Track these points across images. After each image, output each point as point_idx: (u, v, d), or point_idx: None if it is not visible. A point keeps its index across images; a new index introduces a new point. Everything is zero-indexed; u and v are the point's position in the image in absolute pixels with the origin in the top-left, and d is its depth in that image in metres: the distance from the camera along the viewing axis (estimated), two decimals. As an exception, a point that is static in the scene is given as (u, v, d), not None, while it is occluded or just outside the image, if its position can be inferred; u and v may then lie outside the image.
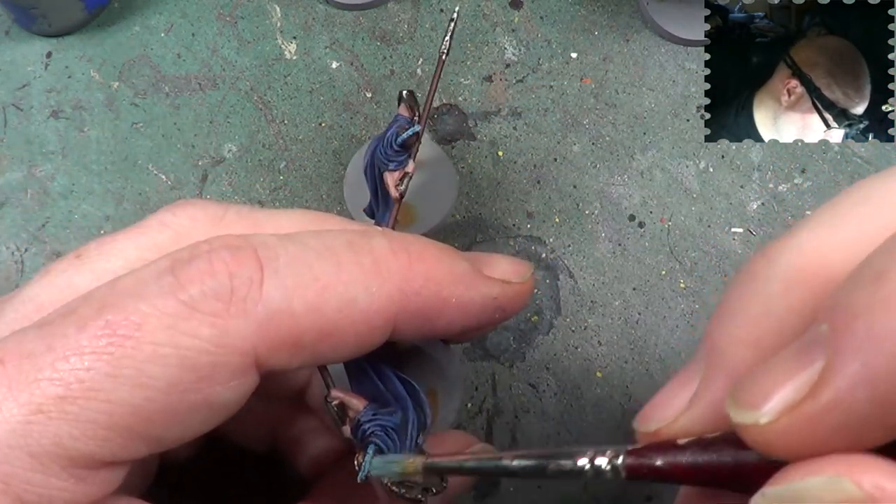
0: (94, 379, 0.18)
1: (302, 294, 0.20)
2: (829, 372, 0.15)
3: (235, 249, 0.20)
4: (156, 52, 0.48)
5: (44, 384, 0.18)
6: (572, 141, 0.45)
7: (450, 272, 0.22)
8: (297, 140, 0.46)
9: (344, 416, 0.23)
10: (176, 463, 0.26)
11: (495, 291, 0.23)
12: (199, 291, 0.19)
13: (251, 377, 0.20)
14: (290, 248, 0.20)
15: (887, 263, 0.15)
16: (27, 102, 0.48)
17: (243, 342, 0.19)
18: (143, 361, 0.18)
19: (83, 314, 0.19)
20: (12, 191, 0.46)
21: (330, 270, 0.20)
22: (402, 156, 0.30)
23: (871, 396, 0.15)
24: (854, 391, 0.15)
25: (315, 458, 0.27)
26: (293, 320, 0.19)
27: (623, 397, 0.41)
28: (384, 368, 0.24)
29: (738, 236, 0.43)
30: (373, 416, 0.23)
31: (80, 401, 0.18)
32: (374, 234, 0.22)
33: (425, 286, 0.21)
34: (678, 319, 0.42)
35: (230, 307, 0.19)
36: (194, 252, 0.20)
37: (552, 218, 0.44)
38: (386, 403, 0.23)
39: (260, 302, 0.19)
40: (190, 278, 0.19)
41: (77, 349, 0.18)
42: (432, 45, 0.47)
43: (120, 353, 0.18)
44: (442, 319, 0.22)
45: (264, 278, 0.19)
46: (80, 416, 0.18)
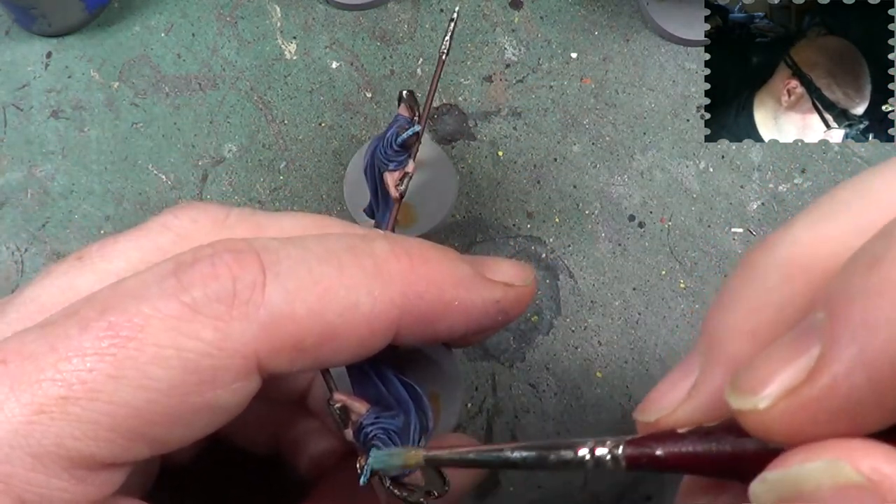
0: (97, 380, 0.18)
1: (304, 297, 0.20)
2: (825, 357, 0.15)
3: (238, 252, 0.20)
4: (156, 52, 0.48)
5: (46, 384, 0.18)
6: (572, 141, 0.45)
7: (452, 275, 0.22)
8: (297, 140, 0.46)
9: (346, 420, 0.23)
10: (178, 464, 0.26)
11: (498, 295, 0.23)
12: (201, 294, 0.19)
13: (253, 380, 0.20)
14: (293, 252, 0.20)
15: (882, 250, 0.15)
16: (27, 102, 0.48)
17: (245, 345, 0.19)
18: (146, 363, 0.18)
19: (86, 315, 0.19)
20: (12, 191, 0.46)
21: (332, 274, 0.20)
22: (402, 156, 0.30)
23: (867, 380, 0.15)
24: (851, 375, 0.15)
25: (317, 461, 0.27)
26: (295, 324, 0.19)
27: (623, 397, 0.41)
28: (386, 371, 0.24)
29: (738, 236, 0.43)
30: (375, 419, 0.23)
31: (81, 402, 0.18)
32: (377, 238, 0.22)
33: (428, 290, 0.21)
34: (678, 319, 0.42)
35: (232, 310, 0.19)
36: (197, 255, 0.20)
37: (552, 218, 0.44)
38: (388, 407, 0.23)
39: (262, 305, 0.19)
40: (193, 281, 0.19)
41: (79, 350, 0.18)
42: (432, 45, 0.47)
43: (122, 355, 0.18)
44: (444, 323, 0.22)
45: (266, 281, 0.19)
46: (81, 416, 0.18)
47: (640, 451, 0.18)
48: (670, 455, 0.18)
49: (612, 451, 0.18)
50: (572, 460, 0.19)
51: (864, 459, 0.15)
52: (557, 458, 0.19)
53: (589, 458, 0.19)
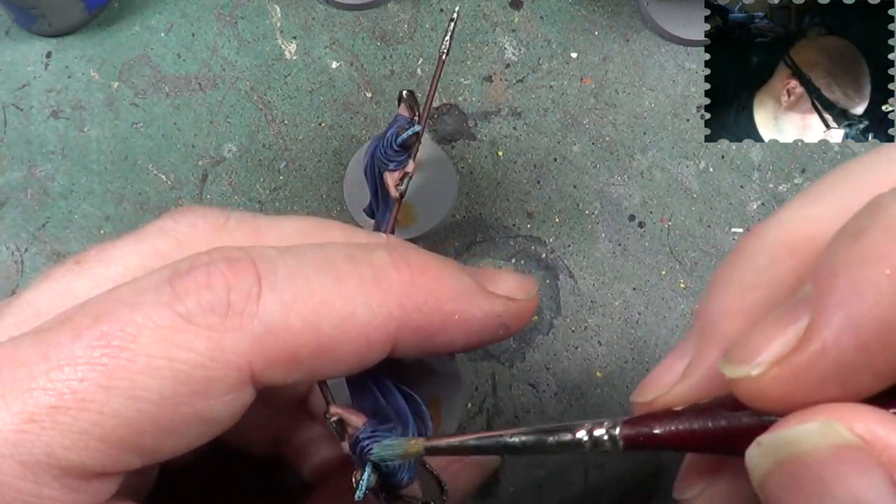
0: (88, 390, 0.18)
1: (300, 309, 0.19)
2: (814, 324, 0.16)
3: (234, 261, 0.19)
4: (156, 52, 0.48)
5: (37, 393, 0.18)
6: (572, 141, 0.45)
7: (453, 287, 0.21)
8: (297, 140, 0.46)
9: (343, 433, 0.23)
10: (177, 467, 0.26)
11: (499, 308, 0.22)
12: (195, 304, 0.19)
13: (247, 392, 0.20)
14: (290, 261, 0.20)
15: (868, 222, 0.16)
16: (27, 102, 0.48)
17: (239, 357, 0.19)
18: (137, 373, 0.18)
19: (79, 323, 0.19)
20: (12, 191, 0.46)
21: (329, 284, 0.20)
22: (402, 156, 0.30)
23: (855, 344, 0.15)
24: (839, 340, 0.15)
25: (318, 466, 0.27)
26: (290, 336, 0.19)
27: (623, 397, 0.41)
28: (385, 381, 0.23)
29: (738, 236, 0.43)
30: (372, 433, 0.22)
31: (72, 411, 0.18)
32: (376, 248, 0.21)
33: (427, 302, 0.21)
34: (678, 319, 0.42)
35: (226, 321, 0.19)
36: (193, 263, 0.19)
37: (552, 218, 0.44)
38: (386, 418, 0.23)
39: (257, 316, 0.19)
40: (187, 290, 0.19)
41: (71, 359, 0.18)
42: (432, 45, 0.47)
43: (114, 364, 0.18)
44: (443, 336, 0.22)
45: (262, 291, 0.19)
46: (72, 426, 0.18)
47: (636, 431, 0.18)
48: (667, 433, 0.18)
49: (609, 432, 0.19)
50: (570, 442, 0.19)
51: (858, 421, 0.15)
52: (556, 441, 0.19)
53: (587, 440, 0.19)
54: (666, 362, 0.20)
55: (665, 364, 0.20)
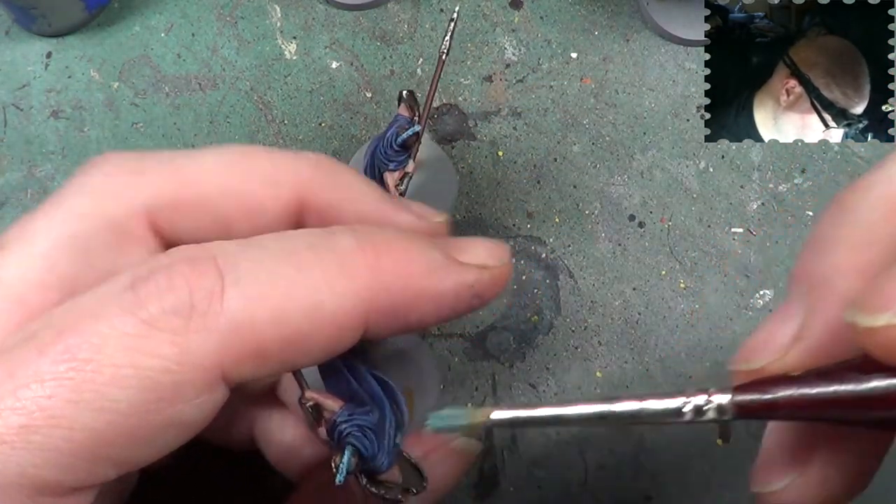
0: (56, 406, 0.17)
1: (264, 303, 0.19)
2: None
3: (194, 261, 0.19)
4: (156, 52, 0.48)
5: (6, 414, 0.17)
6: (572, 141, 0.45)
7: (421, 264, 0.21)
8: (297, 140, 0.46)
9: (319, 418, 0.23)
10: (157, 468, 0.26)
11: (471, 279, 0.21)
12: (158, 308, 0.18)
13: (218, 392, 0.19)
14: (252, 254, 0.19)
15: None
16: (27, 102, 0.48)
17: (206, 358, 0.18)
18: (104, 384, 0.18)
19: (43, 339, 0.18)
20: (12, 191, 0.46)
21: (292, 274, 0.19)
22: (402, 156, 0.30)
23: None
24: None
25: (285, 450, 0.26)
26: (257, 331, 0.19)
27: (623, 397, 0.41)
28: (359, 367, 0.23)
29: (738, 236, 0.43)
30: (349, 416, 0.22)
31: (42, 429, 0.17)
32: (340, 232, 0.21)
33: (395, 282, 0.20)
34: (678, 319, 0.42)
35: (191, 322, 0.18)
36: (153, 266, 0.19)
37: (552, 218, 0.44)
38: (362, 403, 0.23)
39: (221, 314, 0.18)
40: (149, 295, 0.18)
41: (38, 376, 0.18)
42: (432, 45, 0.47)
43: (80, 378, 0.18)
44: (415, 314, 0.21)
45: (225, 288, 0.19)
46: (43, 444, 0.17)
47: (751, 398, 0.17)
48: (787, 399, 0.17)
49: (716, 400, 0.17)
50: (667, 411, 0.18)
51: None
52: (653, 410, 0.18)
53: (688, 409, 0.18)
54: (769, 326, 0.19)
55: (769, 329, 0.19)
